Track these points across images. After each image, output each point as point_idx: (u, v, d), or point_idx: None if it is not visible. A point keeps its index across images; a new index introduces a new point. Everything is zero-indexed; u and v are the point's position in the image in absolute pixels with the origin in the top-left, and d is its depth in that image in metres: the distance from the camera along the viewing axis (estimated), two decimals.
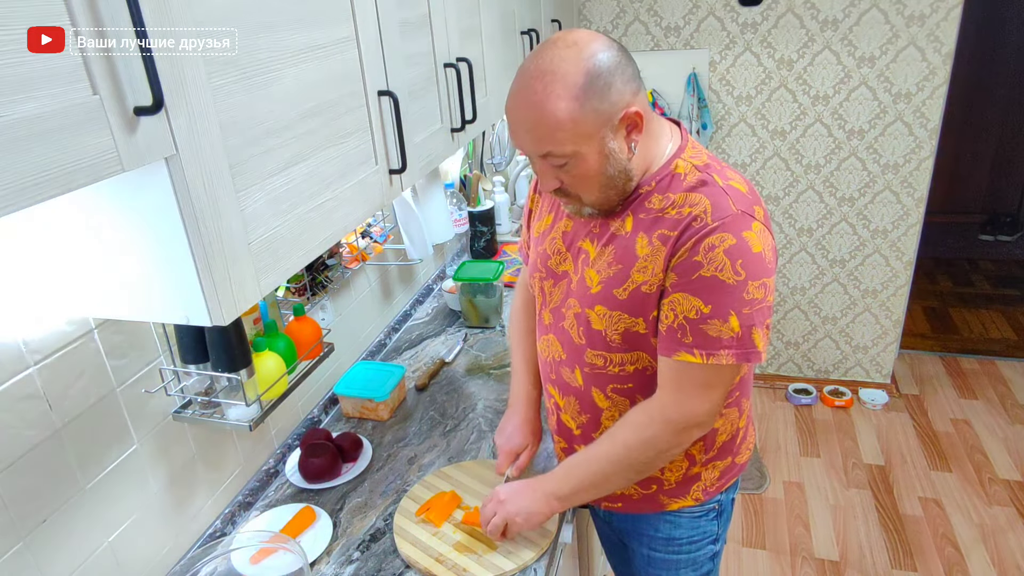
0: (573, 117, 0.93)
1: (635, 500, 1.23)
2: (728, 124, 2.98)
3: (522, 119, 0.97)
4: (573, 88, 0.92)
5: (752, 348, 0.98)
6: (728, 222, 0.96)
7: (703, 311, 0.97)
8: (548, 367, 1.23)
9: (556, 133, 0.94)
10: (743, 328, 0.97)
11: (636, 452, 1.08)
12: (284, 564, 1.09)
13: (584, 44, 0.94)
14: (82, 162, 0.59)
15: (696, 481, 1.19)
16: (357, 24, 1.03)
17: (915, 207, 2.92)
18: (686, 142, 1.07)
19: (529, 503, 1.15)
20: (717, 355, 0.98)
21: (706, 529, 1.25)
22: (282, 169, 0.88)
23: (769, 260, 0.98)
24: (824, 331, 3.27)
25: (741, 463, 1.24)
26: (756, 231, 0.97)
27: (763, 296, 0.97)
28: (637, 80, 0.98)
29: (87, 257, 0.80)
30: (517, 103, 0.97)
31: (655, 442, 1.06)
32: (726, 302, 0.96)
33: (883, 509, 2.61)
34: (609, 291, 1.06)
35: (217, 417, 1.19)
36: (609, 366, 1.11)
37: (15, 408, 0.91)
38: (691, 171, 1.03)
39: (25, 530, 0.93)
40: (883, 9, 2.63)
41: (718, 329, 0.97)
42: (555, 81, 0.92)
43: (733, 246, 0.95)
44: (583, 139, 0.95)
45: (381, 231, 1.83)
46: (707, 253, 0.96)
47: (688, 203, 0.99)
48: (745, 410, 1.21)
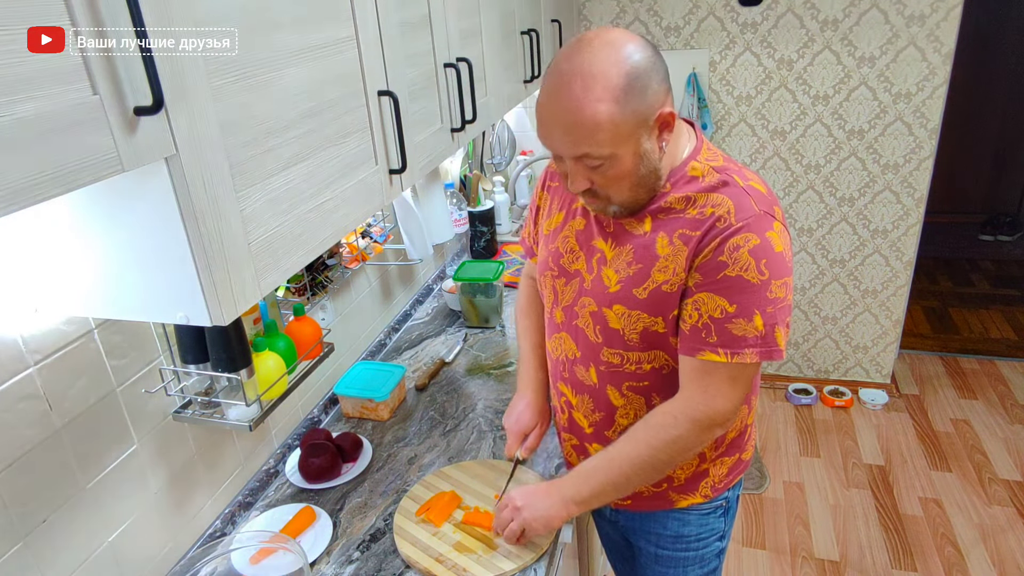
0: (614, 120, 0.92)
1: (645, 497, 1.23)
2: (728, 124, 2.98)
3: (559, 120, 0.94)
4: (614, 90, 0.90)
5: (775, 346, 1.00)
6: (752, 222, 0.97)
7: (728, 310, 0.98)
8: (560, 365, 1.23)
9: (596, 135, 0.93)
10: (767, 327, 0.98)
11: (660, 453, 1.08)
12: (284, 564, 1.09)
13: (621, 44, 0.92)
14: (82, 162, 0.59)
15: (705, 477, 1.20)
16: (357, 24, 1.03)
17: (915, 207, 2.92)
18: (701, 143, 1.07)
19: (546, 508, 1.14)
20: (742, 354, 0.99)
21: (714, 526, 1.26)
22: (282, 169, 0.88)
23: (789, 259, 1.00)
24: (824, 331, 3.27)
25: (747, 459, 1.26)
26: (777, 231, 0.99)
27: (784, 295, 0.99)
28: (668, 79, 0.98)
29: (87, 257, 0.80)
30: (554, 104, 0.94)
31: (680, 442, 1.07)
32: (751, 301, 0.97)
33: (883, 509, 2.61)
34: (628, 290, 1.06)
35: (217, 417, 1.19)
36: (626, 364, 1.11)
37: (15, 408, 0.91)
38: (709, 172, 1.03)
39: (25, 530, 0.93)
40: (883, 9, 2.63)
41: (743, 328, 0.98)
42: (595, 82, 0.90)
43: (757, 246, 0.96)
44: (621, 141, 0.94)
45: (381, 231, 1.83)
46: (732, 253, 0.97)
47: (710, 203, 1.00)
48: (754, 407, 1.22)
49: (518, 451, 1.30)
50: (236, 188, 0.79)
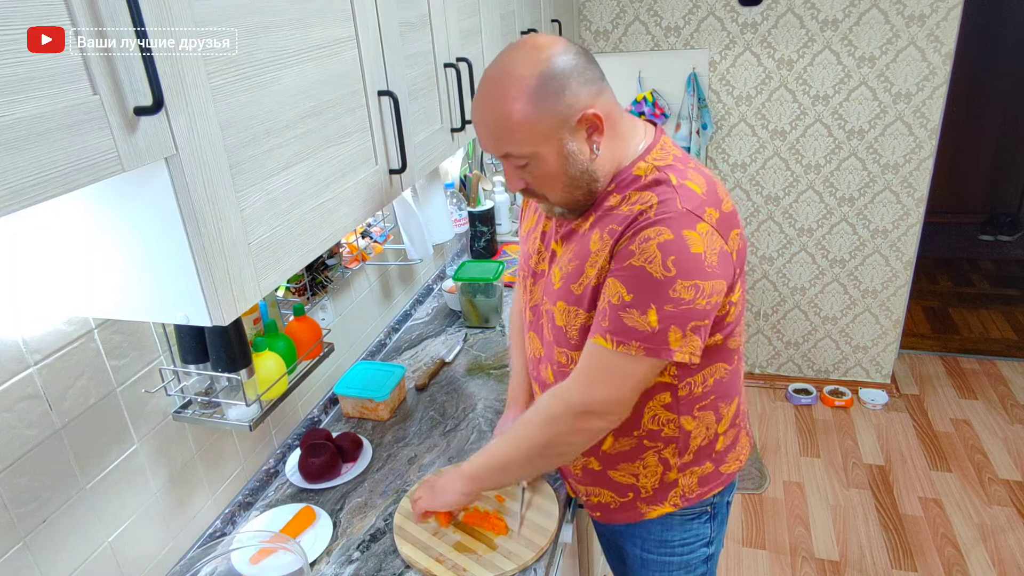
0: (528, 118, 0.95)
1: (613, 509, 1.23)
2: (728, 124, 2.98)
3: (482, 120, 1.00)
4: (527, 90, 0.94)
5: (664, 346, 0.96)
6: (670, 219, 0.95)
7: (625, 299, 0.97)
8: (532, 364, 1.26)
9: (513, 134, 0.97)
10: (661, 324, 0.95)
11: (538, 432, 1.09)
12: (284, 564, 1.09)
13: (541, 47, 0.96)
14: (82, 162, 0.59)
15: (673, 487, 1.18)
16: (357, 24, 1.03)
17: (915, 207, 2.92)
18: (655, 143, 1.06)
19: (447, 481, 1.21)
20: (627, 345, 0.97)
21: (699, 531, 1.24)
22: (282, 169, 0.88)
23: (711, 264, 0.96)
24: (824, 331, 3.27)
25: (727, 472, 1.21)
26: (700, 232, 0.95)
27: (692, 298, 0.95)
28: (599, 83, 1.00)
29: (87, 257, 0.80)
30: (478, 105, 1.00)
31: (555, 423, 1.07)
32: (648, 295, 0.95)
33: (883, 509, 2.61)
34: (567, 287, 1.08)
35: (217, 417, 1.19)
36: (571, 364, 1.11)
37: (15, 408, 0.91)
38: (651, 171, 1.03)
39: (25, 530, 0.93)
40: (883, 9, 2.63)
41: (635, 319, 0.96)
42: (510, 83, 0.95)
43: (668, 241, 0.94)
44: (540, 140, 0.97)
45: (381, 231, 1.83)
46: (641, 244, 0.96)
47: (640, 200, 1.00)
48: (726, 416, 1.16)
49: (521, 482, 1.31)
50: (236, 188, 0.79)
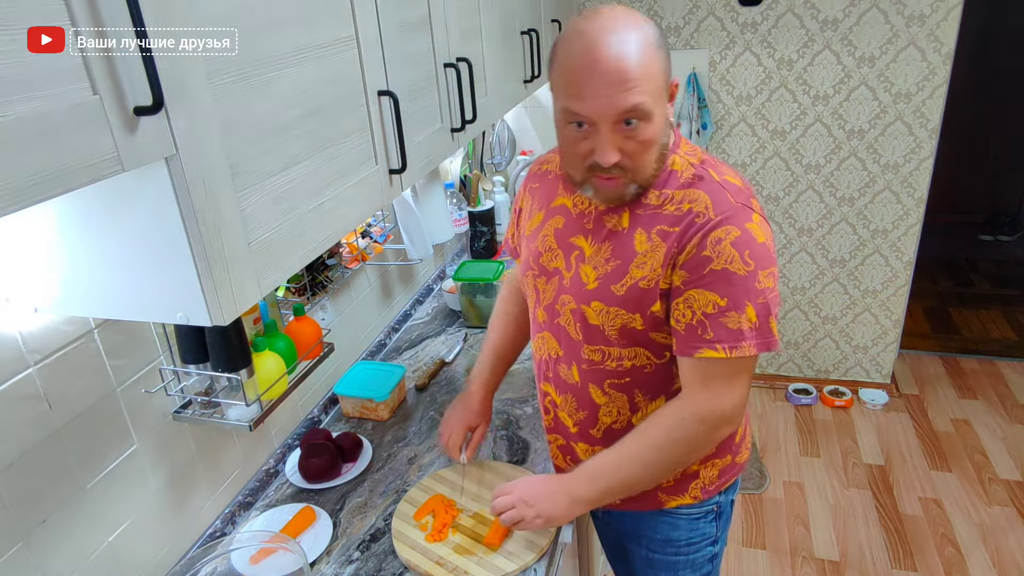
0: (661, 69, 0.95)
1: (634, 497, 1.23)
2: (728, 124, 2.98)
3: (604, 74, 0.91)
4: (655, 41, 0.94)
5: (771, 336, 1.00)
6: (730, 215, 0.98)
7: (720, 304, 0.98)
8: (544, 365, 1.23)
9: (646, 83, 0.92)
10: (760, 317, 0.98)
11: (668, 454, 1.07)
12: (284, 564, 1.09)
13: (632, 11, 0.97)
14: (82, 162, 0.59)
15: (695, 479, 1.19)
16: (357, 24, 1.03)
17: (915, 207, 2.92)
18: (680, 138, 1.08)
19: (551, 505, 1.11)
20: (740, 347, 0.99)
21: (705, 531, 1.25)
22: (282, 169, 0.88)
23: (772, 250, 1.01)
24: (824, 331, 3.27)
25: (740, 462, 1.24)
26: (757, 222, 0.99)
27: (773, 285, 0.99)
28: None
29: (87, 257, 0.80)
30: (594, 61, 0.91)
31: (689, 442, 1.06)
32: (740, 293, 0.97)
33: (883, 509, 2.61)
34: (607, 287, 1.06)
35: (217, 417, 1.19)
36: (607, 360, 1.11)
37: (15, 408, 0.91)
38: (687, 167, 1.04)
39: (25, 530, 0.93)
40: (883, 9, 2.63)
41: (737, 321, 0.98)
42: (641, 34, 0.93)
43: (739, 238, 0.97)
44: (658, 96, 0.95)
45: (381, 231, 1.83)
46: (715, 247, 0.97)
47: (687, 199, 1.01)
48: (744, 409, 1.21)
49: (462, 455, 1.32)
50: (236, 188, 0.79)
